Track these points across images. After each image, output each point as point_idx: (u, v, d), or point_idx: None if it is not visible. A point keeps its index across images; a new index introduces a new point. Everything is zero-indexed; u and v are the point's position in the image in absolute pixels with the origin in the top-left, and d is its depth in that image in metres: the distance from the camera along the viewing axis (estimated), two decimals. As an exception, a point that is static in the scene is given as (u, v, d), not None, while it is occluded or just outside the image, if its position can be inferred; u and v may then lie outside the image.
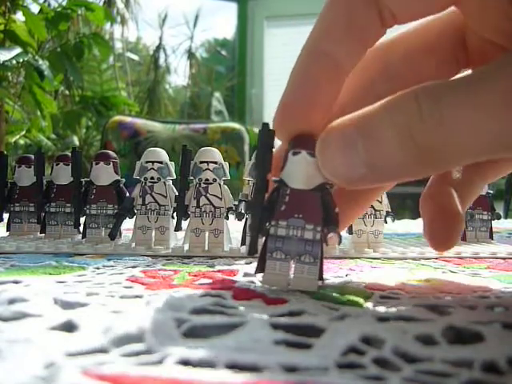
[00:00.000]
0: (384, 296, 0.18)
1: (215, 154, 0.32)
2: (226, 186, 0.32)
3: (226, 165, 0.32)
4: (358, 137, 0.16)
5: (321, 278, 0.18)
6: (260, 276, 0.19)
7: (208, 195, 0.31)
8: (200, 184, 0.31)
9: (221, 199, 0.31)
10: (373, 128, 0.16)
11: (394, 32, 0.20)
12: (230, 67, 2.79)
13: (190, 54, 2.78)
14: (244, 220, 0.31)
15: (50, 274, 0.22)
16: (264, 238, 0.18)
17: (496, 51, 0.18)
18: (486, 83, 0.14)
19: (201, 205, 0.31)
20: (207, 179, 0.31)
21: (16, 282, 0.19)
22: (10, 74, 1.41)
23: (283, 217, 0.18)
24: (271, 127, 0.19)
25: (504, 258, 0.30)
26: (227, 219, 0.31)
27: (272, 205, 0.18)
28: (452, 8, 0.19)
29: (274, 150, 0.19)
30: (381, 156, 0.16)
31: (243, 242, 0.31)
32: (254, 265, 0.25)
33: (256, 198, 0.18)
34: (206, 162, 0.31)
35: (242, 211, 0.31)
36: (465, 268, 0.26)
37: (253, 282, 0.20)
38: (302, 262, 0.18)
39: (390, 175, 0.17)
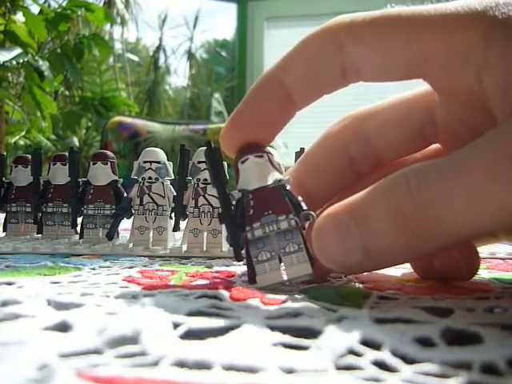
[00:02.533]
0: (382, 297, 0.18)
1: None
2: None
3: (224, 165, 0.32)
4: (352, 222, 0.16)
5: (311, 260, 0.18)
6: (256, 284, 0.19)
7: (206, 195, 0.31)
8: (198, 184, 0.31)
9: None
10: (366, 212, 0.16)
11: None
12: (229, 68, 2.79)
13: (190, 55, 2.78)
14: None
15: (45, 274, 0.22)
16: (245, 246, 0.19)
17: (463, 128, 0.19)
18: (468, 156, 0.15)
19: (199, 205, 0.31)
20: (205, 179, 0.31)
21: (10, 284, 0.19)
22: (10, 74, 1.41)
23: (255, 219, 0.19)
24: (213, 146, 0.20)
25: (503, 259, 0.30)
26: None
27: (242, 215, 0.19)
28: (426, 85, 0.19)
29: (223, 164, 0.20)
30: (375, 240, 0.15)
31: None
32: (242, 262, 0.25)
33: (225, 213, 0.19)
34: (205, 162, 0.31)
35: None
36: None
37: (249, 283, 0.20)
38: (288, 253, 0.19)
39: (386, 261, 0.17)
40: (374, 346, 0.12)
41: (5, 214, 0.38)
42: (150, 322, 0.13)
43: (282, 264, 0.19)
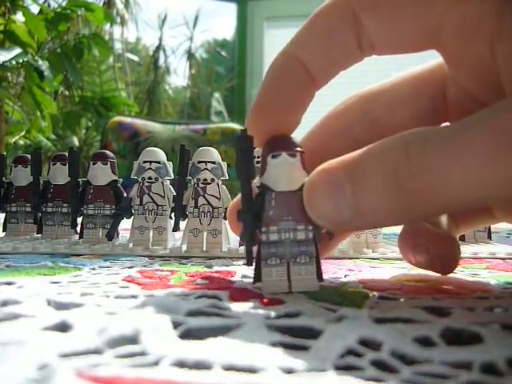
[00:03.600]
0: (382, 297, 0.18)
1: (213, 153, 0.32)
2: (224, 186, 0.32)
3: (224, 165, 0.32)
4: (346, 180, 0.16)
5: (320, 276, 0.18)
6: (259, 285, 0.18)
7: (206, 195, 0.31)
8: (198, 184, 0.31)
9: (219, 199, 0.31)
10: (360, 172, 0.15)
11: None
12: (229, 68, 2.79)
13: (190, 55, 2.78)
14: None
15: (45, 274, 0.22)
16: (257, 246, 0.18)
17: (473, 104, 0.18)
18: (470, 129, 0.14)
19: (199, 205, 0.31)
20: (205, 179, 0.31)
21: (10, 284, 0.19)
22: (9, 74, 1.40)
23: (273, 222, 0.18)
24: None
25: (503, 259, 0.30)
26: (225, 219, 0.31)
27: (258, 211, 0.18)
28: (436, 60, 0.19)
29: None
30: (367, 200, 0.15)
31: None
32: (252, 267, 0.25)
33: (245, 207, 0.18)
34: (204, 162, 0.31)
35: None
36: (464, 268, 0.25)
37: (249, 284, 0.20)
38: (298, 264, 0.18)
39: (375, 221, 0.16)
40: (374, 346, 0.12)
41: (5, 214, 0.38)
42: (149, 322, 0.13)
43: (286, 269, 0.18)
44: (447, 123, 0.21)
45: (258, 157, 0.25)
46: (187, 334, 0.13)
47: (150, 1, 2.87)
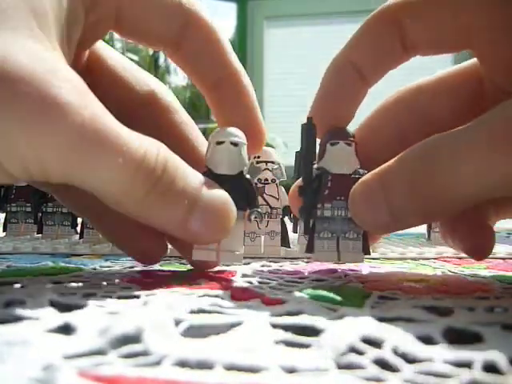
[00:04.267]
0: (383, 296, 0.18)
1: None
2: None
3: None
4: (380, 189, 0.18)
5: (366, 251, 0.21)
6: (311, 254, 0.21)
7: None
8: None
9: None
10: (391, 182, 0.18)
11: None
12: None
13: (190, 55, 2.77)
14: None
15: (46, 274, 0.22)
16: (312, 221, 0.21)
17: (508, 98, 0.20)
18: (478, 127, 0.16)
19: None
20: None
21: (12, 284, 0.19)
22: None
23: (327, 200, 0.21)
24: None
25: (503, 258, 0.30)
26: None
27: (316, 190, 0.21)
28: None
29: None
30: (398, 206, 0.18)
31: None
32: (252, 265, 0.25)
33: (306, 185, 0.21)
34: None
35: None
36: (464, 268, 0.25)
37: (250, 283, 0.20)
38: (347, 239, 0.21)
39: (409, 223, 0.19)
40: (376, 344, 0.12)
41: (5, 214, 0.38)
42: (151, 322, 0.13)
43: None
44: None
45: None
46: (189, 333, 0.13)
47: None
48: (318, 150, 0.22)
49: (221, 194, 0.19)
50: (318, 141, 0.22)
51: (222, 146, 0.21)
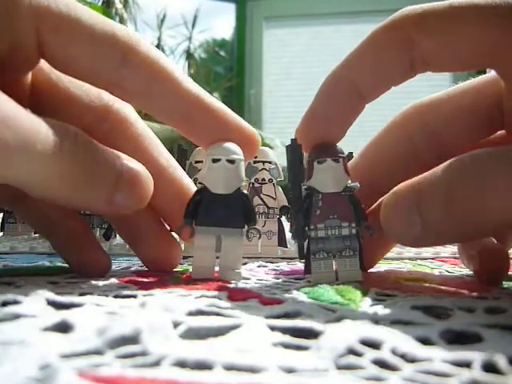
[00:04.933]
0: (381, 296, 0.18)
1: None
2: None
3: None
4: (414, 202, 0.17)
5: (363, 268, 0.21)
6: (309, 276, 0.21)
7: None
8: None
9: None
10: (425, 195, 0.17)
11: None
12: (228, 68, 2.79)
13: (189, 55, 2.78)
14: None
15: (43, 274, 0.21)
16: (306, 242, 0.21)
17: None
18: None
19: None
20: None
21: (8, 283, 0.19)
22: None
23: (320, 220, 0.20)
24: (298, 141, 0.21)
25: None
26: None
27: (307, 211, 0.20)
28: (492, 73, 0.20)
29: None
30: (432, 219, 0.17)
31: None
32: (249, 266, 0.25)
33: (296, 208, 0.20)
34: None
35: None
36: (461, 268, 0.25)
37: (247, 283, 0.20)
38: (343, 257, 0.20)
39: (440, 238, 0.18)
40: (374, 345, 0.12)
41: (2, 214, 0.38)
42: (149, 322, 0.13)
43: (335, 263, 0.21)
44: (502, 131, 0.22)
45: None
46: (188, 334, 0.13)
47: (148, 1, 2.87)
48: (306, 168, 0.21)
49: (137, 166, 0.19)
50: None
51: (218, 165, 0.20)
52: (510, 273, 0.21)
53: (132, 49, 0.19)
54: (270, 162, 0.31)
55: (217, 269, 0.21)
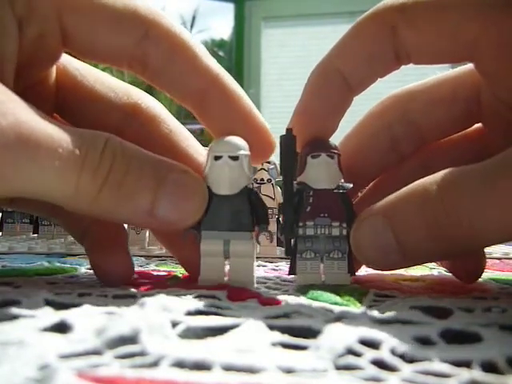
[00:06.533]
0: (380, 296, 0.18)
1: None
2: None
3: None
4: (387, 226, 0.17)
5: (351, 271, 0.19)
6: (294, 277, 0.20)
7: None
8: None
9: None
10: (401, 219, 0.17)
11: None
12: (227, 68, 2.77)
13: (187, 55, 2.77)
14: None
15: (42, 274, 0.21)
16: (293, 240, 0.19)
17: (507, 111, 0.19)
18: (499, 170, 0.15)
19: None
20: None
21: (7, 284, 0.19)
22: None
23: (310, 217, 0.19)
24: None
25: (499, 258, 0.30)
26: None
27: (297, 207, 0.19)
28: (471, 65, 0.20)
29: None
30: (414, 248, 0.17)
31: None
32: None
33: (287, 202, 0.19)
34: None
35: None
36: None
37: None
38: (331, 259, 0.19)
39: (421, 261, 0.18)
40: (373, 345, 0.12)
41: (1, 214, 0.38)
42: (148, 322, 0.13)
43: (322, 265, 0.20)
44: (479, 125, 0.22)
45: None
46: (186, 334, 0.13)
47: (146, 1, 2.86)
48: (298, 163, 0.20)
49: (186, 171, 0.18)
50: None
51: (220, 162, 0.18)
52: (508, 273, 0.21)
53: (154, 23, 0.19)
54: (268, 162, 0.31)
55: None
